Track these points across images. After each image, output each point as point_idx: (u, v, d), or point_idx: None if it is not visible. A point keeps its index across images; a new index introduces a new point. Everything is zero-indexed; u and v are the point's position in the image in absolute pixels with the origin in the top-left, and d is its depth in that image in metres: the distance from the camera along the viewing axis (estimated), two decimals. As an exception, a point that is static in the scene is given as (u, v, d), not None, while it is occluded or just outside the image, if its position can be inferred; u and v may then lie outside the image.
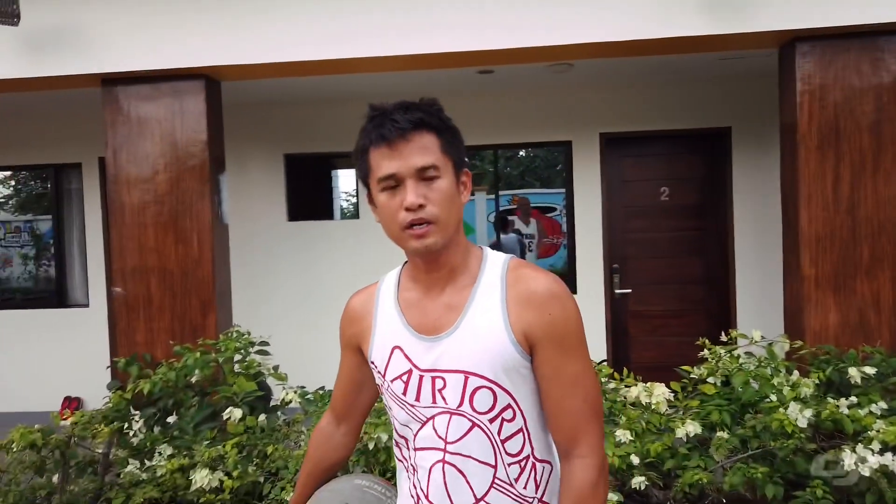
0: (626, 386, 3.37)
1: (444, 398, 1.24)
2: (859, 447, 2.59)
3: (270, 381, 3.73)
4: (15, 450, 3.00)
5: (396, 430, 1.35)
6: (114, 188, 4.38)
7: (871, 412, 2.83)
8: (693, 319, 5.60)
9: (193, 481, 3.06)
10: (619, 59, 4.51)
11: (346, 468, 2.76)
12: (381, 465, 2.98)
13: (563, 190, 5.94)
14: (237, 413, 3.28)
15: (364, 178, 1.30)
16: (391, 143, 1.22)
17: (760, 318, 5.19)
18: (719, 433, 3.03)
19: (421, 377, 1.26)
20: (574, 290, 5.70)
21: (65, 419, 4.28)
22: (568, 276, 5.71)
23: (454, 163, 1.26)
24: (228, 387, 3.47)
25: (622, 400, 3.30)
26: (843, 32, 3.83)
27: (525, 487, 1.24)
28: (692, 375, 3.38)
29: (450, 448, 1.23)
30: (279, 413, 3.57)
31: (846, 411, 2.85)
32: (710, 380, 3.32)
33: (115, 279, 4.42)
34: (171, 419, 3.56)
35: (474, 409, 1.22)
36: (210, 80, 4.38)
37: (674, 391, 3.28)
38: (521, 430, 1.24)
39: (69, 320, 6.10)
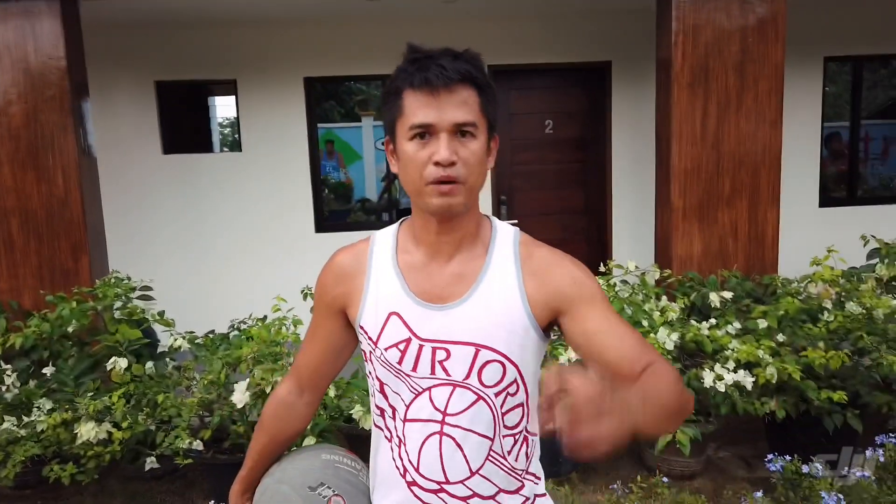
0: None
1: (445, 370, 1.19)
2: (717, 366, 2.91)
3: (156, 328, 3.60)
4: None
5: (380, 400, 1.27)
6: (-42, 121, 3.91)
7: (727, 332, 3.16)
8: (575, 248, 5.90)
9: (79, 435, 2.94)
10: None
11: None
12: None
13: None
14: (122, 363, 3.15)
15: (392, 121, 1.18)
16: (434, 90, 1.12)
17: (635, 245, 5.56)
18: (598, 357, 3.28)
19: (421, 346, 1.19)
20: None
21: None
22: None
23: (489, 125, 1.18)
24: (110, 335, 3.32)
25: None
26: (716, -26, 4.00)
27: (517, 460, 1.24)
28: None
29: (449, 420, 1.19)
30: (167, 360, 3.47)
31: (707, 333, 3.16)
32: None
33: (-33, 223, 4.01)
34: (46, 371, 3.37)
35: (482, 383, 1.18)
36: (67, -2, 3.94)
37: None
38: (521, 404, 1.22)
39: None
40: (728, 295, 3.42)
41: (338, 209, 6.10)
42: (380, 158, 6.07)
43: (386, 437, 1.27)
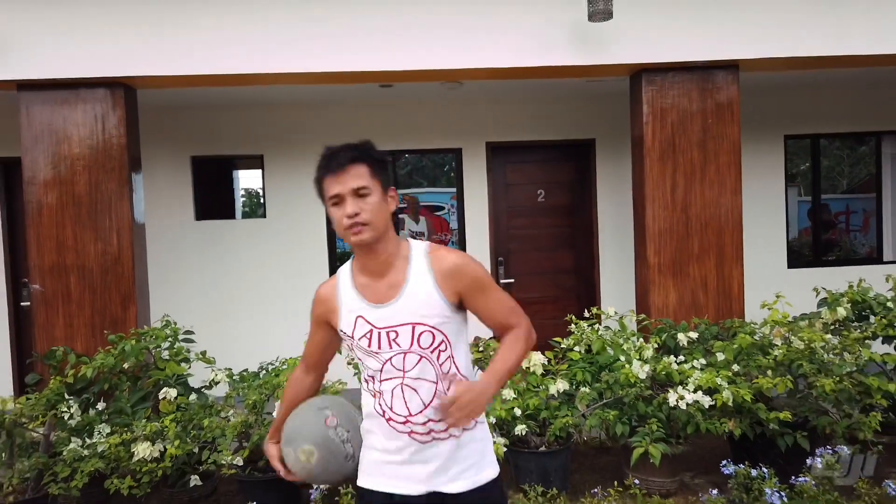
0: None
1: (397, 344, 1.81)
2: (679, 388, 3.43)
3: (198, 365, 4.12)
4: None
5: (366, 371, 1.89)
6: (31, 189, 4.56)
7: (693, 366, 3.69)
8: (566, 304, 6.47)
9: (135, 453, 3.42)
10: (503, 80, 5.23)
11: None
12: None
13: (451, 189, 6.60)
14: (172, 393, 3.68)
15: (321, 197, 1.86)
16: (335, 174, 1.78)
17: (620, 300, 6.11)
18: (582, 389, 3.80)
19: (379, 333, 1.82)
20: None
21: None
22: (459, 268, 6.40)
23: (381, 183, 1.82)
24: (160, 371, 3.85)
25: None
26: (679, 66, 4.74)
27: (451, 376, 1.85)
28: (562, 346, 4.14)
29: (407, 375, 1.81)
30: (206, 393, 3.98)
31: (675, 367, 3.69)
32: (576, 348, 4.10)
33: (33, 277, 4.59)
34: (100, 405, 3.87)
35: (421, 347, 1.81)
36: (128, 87, 4.66)
37: (548, 358, 4.02)
38: (450, 356, 1.83)
39: (-35, 320, 6.05)
40: (694, 335, 3.97)
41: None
42: None
43: (371, 394, 1.89)
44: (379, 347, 1.82)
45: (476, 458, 1.87)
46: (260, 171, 6.33)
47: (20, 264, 6.24)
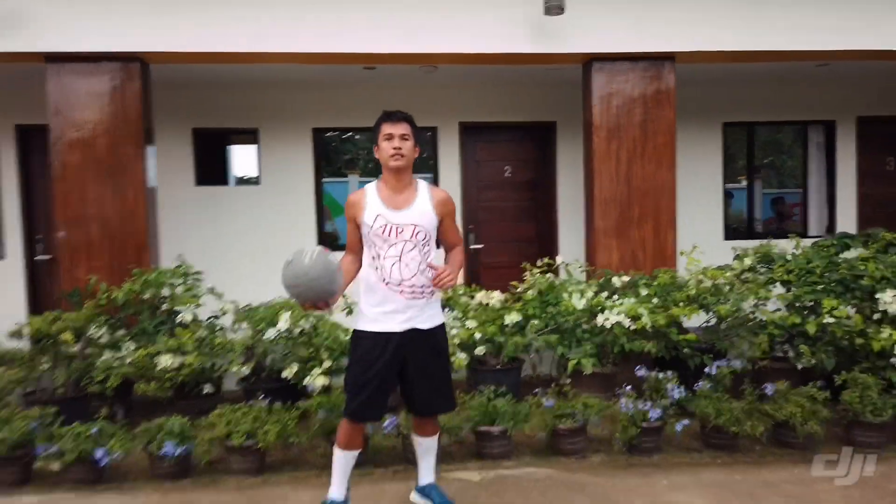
0: (472, 296, 4.84)
1: (402, 235, 2.84)
2: (606, 312, 4.22)
3: (205, 302, 4.80)
4: (25, 335, 3.91)
5: (373, 251, 2.86)
6: (56, 149, 5.20)
7: (622, 301, 4.48)
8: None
9: (158, 363, 4.12)
10: (474, 65, 5.98)
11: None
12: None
13: (430, 175, 7.32)
14: (188, 315, 4.38)
15: (377, 134, 2.89)
16: (392, 122, 2.87)
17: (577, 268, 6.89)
18: (532, 321, 4.57)
19: (392, 226, 2.85)
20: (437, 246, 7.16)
21: None
22: (433, 235, 7.15)
23: (415, 138, 2.92)
24: (175, 300, 4.54)
25: (471, 304, 4.77)
26: (624, 56, 5.53)
27: (428, 275, 2.87)
28: (518, 289, 4.91)
29: (403, 255, 2.85)
30: (213, 321, 4.68)
31: (607, 302, 4.48)
32: (530, 292, 4.87)
33: (58, 226, 5.23)
34: (120, 332, 4.55)
35: (416, 238, 2.86)
36: (143, 62, 5.32)
37: (505, 299, 4.79)
38: (428, 249, 2.91)
39: (-17, 271, 6.65)
40: (626, 279, 4.77)
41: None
42: None
43: (374, 267, 2.88)
44: (389, 235, 2.85)
45: (435, 311, 3.01)
46: (254, 144, 7.00)
47: (35, 222, 6.85)
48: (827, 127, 7.63)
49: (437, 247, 3.00)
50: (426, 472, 3.16)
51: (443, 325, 3.02)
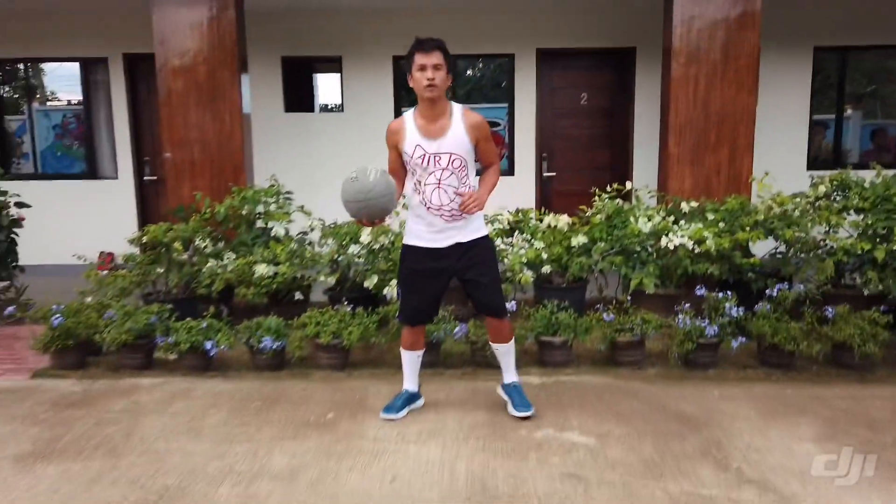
0: (541, 219, 5.06)
1: (439, 163, 3.03)
2: (671, 235, 4.36)
3: (297, 216, 5.25)
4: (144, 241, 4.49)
5: (414, 179, 3.10)
6: (162, 76, 5.66)
7: (689, 226, 4.59)
8: (600, 195, 7.33)
9: (256, 271, 4.60)
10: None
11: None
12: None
13: (506, 105, 7.42)
14: (281, 230, 4.82)
15: (409, 63, 2.97)
16: (425, 52, 2.94)
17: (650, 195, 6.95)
18: (599, 243, 4.76)
19: (430, 156, 3.03)
20: (511, 173, 7.35)
21: (101, 269, 5.77)
22: (509, 159, 7.33)
23: (447, 65, 2.99)
24: (270, 216, 4.99)
25: (540, 226, 5.00)
26: (704, -22, 5.40)
27: (463, 194, 3.05)
28: (586, 214, 5.08)
29: (442, 182, 3.05)
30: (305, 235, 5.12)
31: (674, 227, 4.60)
32: (598, 217, 5.03)
33: (165, 147, 5.76)
34: (221, 244, 5.06)
35: (452, 166, 3.04)
36: (239, -8, 5.65)
37: (573, 222, 4.98)
38: (466, 174, 3.09)
39: (100, 190, 7.39)
40: (695, 204, 4.84)
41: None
42: None
43: (417, 192, 3.12)
44: (428, 164, 3.04)
45: (477, 225, 3.19)
46: (338, 72, 7.30)
47: (142, 146, 7.48)
48: (932, 50, 7.16)
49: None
50: (507, 373, 3.39)
51: (485, 237, 3.20)
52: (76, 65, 7.38)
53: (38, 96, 7.63)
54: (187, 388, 3.86)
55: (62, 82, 7.64)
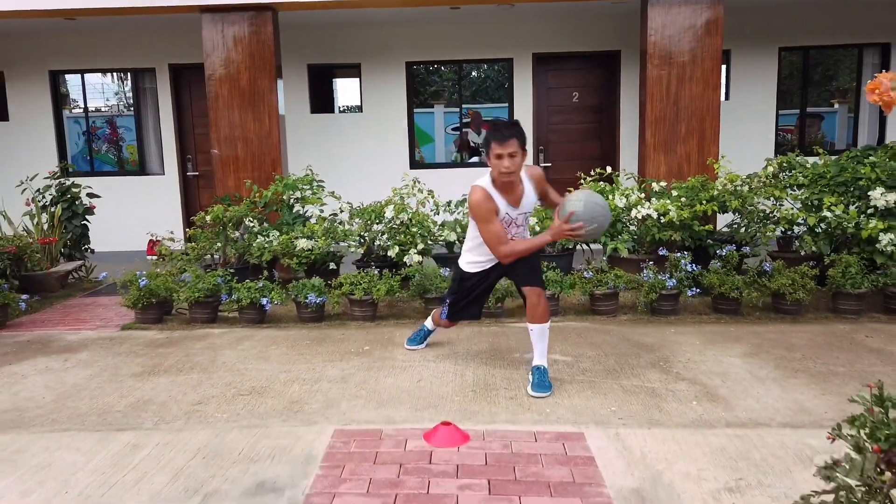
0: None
1: (517, 223, 3.53)
2: (639, 207, 5.29)
3: (329, 200, 6.20)
4: (208, 220, 5.48)
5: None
6: (210, 83, 6.63)
7: (660, 203, 5.50)
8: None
9: (297, 245, 5.55)
10: (547, 3, 6.90)
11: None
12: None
13: (507, 104, 8.35)
14: (316, 210, 5.78)
15: (487, 148, 3.37)
16: (501, 143, 3.31)
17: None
18: (583, 217, 5.67)
19: (512, 219, 3.49)
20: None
21: (151, 254, 6.73)
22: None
23: (522, 148, 3.35)
24: (306, 200, 5.95)
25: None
26: (673, -8, 6.32)
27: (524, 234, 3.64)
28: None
29: (514, 234, 3.52)
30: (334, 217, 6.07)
31: (646, 203, 5.52)
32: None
33: (212, 144, 6.73)
34: (265, 225, 6.01)
35: (524, 222, 3.59)
36: (274, 10, 6.61)
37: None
38: (527, 222, 3.63)
39: (149, 185, 8.38)
40: (663, 183, 5.76)
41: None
42: (448, 141, 8.56)
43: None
44: (509, 226, 3.53)
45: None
46: (357, 77, 8.26)
47: (187, 145, 8.47)
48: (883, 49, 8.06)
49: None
50: (536, 356, 3.60)
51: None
52: (108, 76, 8.38)
53: (76, 104, 8.64)
54: (250, 334, 4.82)
55: (97, 92, 8.65)
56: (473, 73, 8.68)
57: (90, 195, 6.68)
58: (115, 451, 2.88)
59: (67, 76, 8.49)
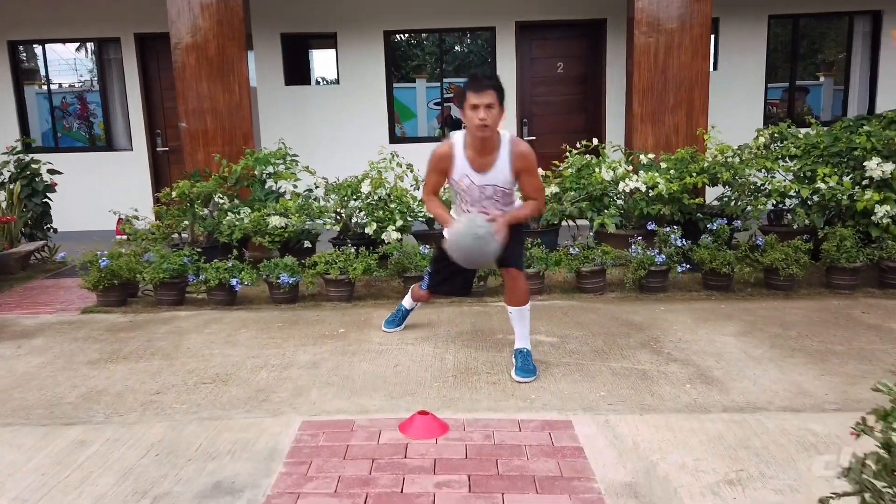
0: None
1: (484, 193, 3.18)
2: (626, 179, 5.06)
3: (303, 175, 5.90)
4: (174, 197, 5.17)
5: (459, 198, 3.27)
6: (176, 52, 6.27)
7: (648, 176, 5.28)
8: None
9: (269, 222, 5.27)
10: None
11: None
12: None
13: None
14: (290, 187, 5.49)
15: (461, 102, 3.05)
16: (477, 93, 2.97)
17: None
18: (569, 192, 5.45)
19: (475, 186, 3.17)
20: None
21: (119, 234, 6.41)
22: (491, 127, 7.99)
23: (500, 102, 3.02)
24: (279, 175, 5.65)
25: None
26: (661, -45, 6.04)
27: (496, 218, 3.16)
28: (559, 167, 5.77)
29: (482, 206, 3.21)
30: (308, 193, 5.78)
31: (633, 175, 5.29)
32: (569, 170, 5.71)
33: (181, 117, 6.39)
34: (235, 201, 5.72)
35: (495, 196, 3.19)
36: (243, -25, 6.24)
37: (546, 174, 5.66)
38: (511, 200, 3.26)
39: (117, 161, 8.01)
40: (651, 156, 5.54)
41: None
42: (431, 115, 8.25)
43: (460, 207, 3.32)
44: (474, 193, 3.23)
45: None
46: (333, 48, 7.91)
47: (156, 119, 8.10)
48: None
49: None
50: (518, 339, 3.39)
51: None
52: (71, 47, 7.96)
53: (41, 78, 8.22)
54: (218, 316, 4.55)
55: (62, 66, 8.22)
56: (456, 48, 8.36)
57: (51, 171, 6.34)
58: (60, 448, 2.63)
59: (30, 47, 8.06)
